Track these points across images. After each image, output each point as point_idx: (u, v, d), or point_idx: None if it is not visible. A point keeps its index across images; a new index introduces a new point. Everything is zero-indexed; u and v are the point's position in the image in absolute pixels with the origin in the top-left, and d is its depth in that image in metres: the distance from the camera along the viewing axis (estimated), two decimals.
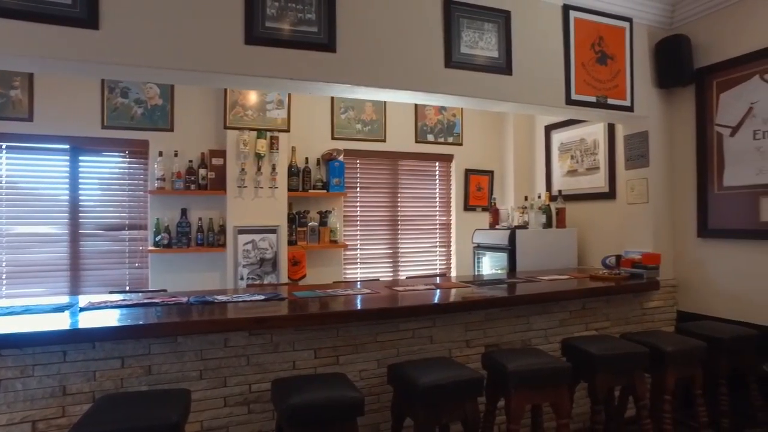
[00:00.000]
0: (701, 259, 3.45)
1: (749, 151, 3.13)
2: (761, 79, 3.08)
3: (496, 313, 2.87)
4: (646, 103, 3.53)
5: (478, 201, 5.06)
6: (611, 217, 4.02)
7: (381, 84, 2.70)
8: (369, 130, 4.69)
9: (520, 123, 5.04)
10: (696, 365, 2.73)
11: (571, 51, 3.25)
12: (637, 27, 3.52)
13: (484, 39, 2.97)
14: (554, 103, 3.19)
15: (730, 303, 3.27)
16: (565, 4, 3.24)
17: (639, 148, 3.62)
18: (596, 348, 2.49)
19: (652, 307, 3.49)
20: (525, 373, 2.18)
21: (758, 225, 3.08)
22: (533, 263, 3.97)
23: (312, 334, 2.44)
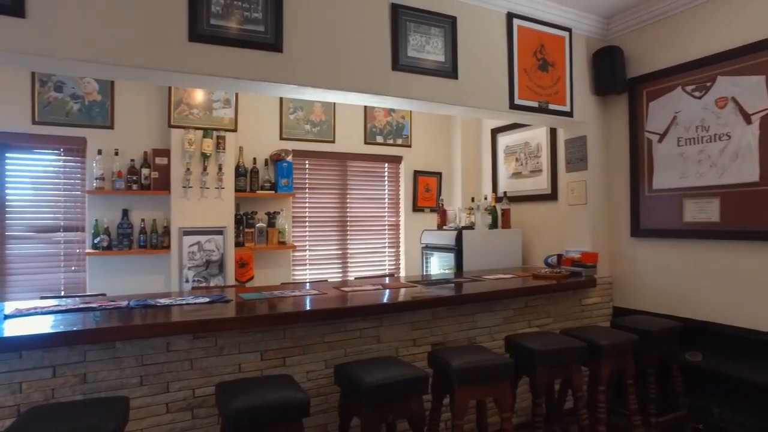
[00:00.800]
0: (634, 258, 3.65)
1: (674, 156, 3.36)
2: (683, 91, 3.31)
3: (442, 312, 2.94)
4: (584, 109, 3.71)
5: (426, 202, 5.15)
6: (553, 218, 4.20)
7: (328, 85, 2.71)
8: (318, 131, 4.68)
9: (468, 126, 5.17)
10: (628, 357, 2.89)
11: (514, 57, 3.37)
12: (576, 37, 3.69)
13: (431, 43, 3.03)
14: (498, 107, 3.30)
15: (659, 298, 3.49)
16: (509, 12, 3.36)
17: (578, 151, 3.79)
18: (537, 344, 2.59)
19: (590, 304, 3.67)
20: (468, 370, 2.25)
21: (682, 225, 3.31)
22: (480, 263, 4.08)
23: (258, 336, 2.41)
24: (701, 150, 3.21)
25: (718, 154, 3.13)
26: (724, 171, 3.09)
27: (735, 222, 3.05)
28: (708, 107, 3.17)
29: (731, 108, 3.06)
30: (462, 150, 5.15)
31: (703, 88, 3.20)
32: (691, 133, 3.27)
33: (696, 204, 3.24)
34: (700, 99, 3.22)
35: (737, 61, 3.03)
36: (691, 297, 3.30)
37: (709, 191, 3.17)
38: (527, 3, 3.39)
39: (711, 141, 3.16)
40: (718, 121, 3.12)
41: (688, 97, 3.28)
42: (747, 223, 2.99)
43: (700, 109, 3.22)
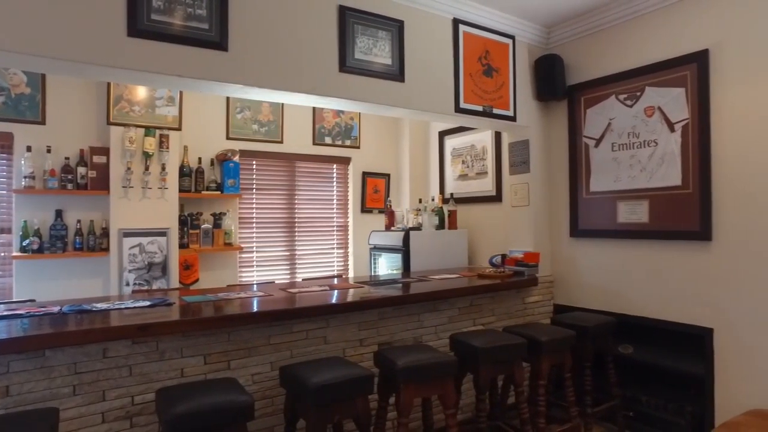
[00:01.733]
0: (573, 257, 3.83)
1: (608, 160, 3.54)
2: (617, 99, 3.50)
3: (389, 312, 2.97)
4: (527, 113, 3.85)
5: (374, 203, 5.19)
6: (498, 219, 4.33)
7: (274, 86, 2.69)
8: (266, 131, 4.62)
9: (416, 128, 5.25)
10: (566, 352, 3.03)
11: (460, 62, 3.45)
12: (519, 44, 3.83)
13: (378, 46, 3.06)
14: (444, 111, 3.37)
15: (596, 295, 3.67)
16: (455, 18, 3.44)
17: (521, 155, 3.93)
18: (480, 341, 2.67)
19: (533, 302, 3.81)
20: (413, 368, 2.29)
21: (616, 226, 3.50)
22: (427, 263, 4.15)
23: (202, 339, 2.36)
24: (632, 155, 3.41)
25: (647, 159, 3.33)
26: (652, 175, 3.30)
27: (661, 223, 3.25)
28: (638, 115, 3.37)
29: (658, 117, 3.27)
30: (410, 152, 5.22)
31: (634, 98, 3.40)
32: (623, 139, 3.46)
33: (628, 206, 3.43)
34: (631, 107, 3.41)
35: (662, 73, 3.24)
36: (623, 293, 3.50)
37: (639, 194, 3.37)
38: (473, 10, 3.49)
39: (641, 147, 3.36)
40: (647, 128, 3.32)
41: (620, 105, 3.48)
42: (672, 224, 3.20)
43: (631, 117, 3.41)
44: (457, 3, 3.39)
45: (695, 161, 3.09)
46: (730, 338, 2.97)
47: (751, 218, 2.88)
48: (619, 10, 3.45)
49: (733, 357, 2.95)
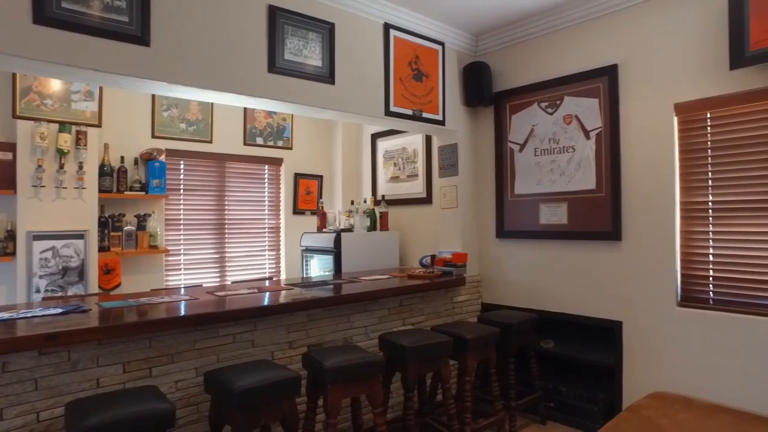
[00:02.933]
0: (499, 257, 3.99)
1: (531, 165, 3.73)
2: (539, 107, 3.69)
3: (318, 314, 2.97)
4: (456, 118, 3.97)
5: (307, 205, 5.16)
6: (428, 221, 4.43)
7: (200, 84, 2.61)
8: (194, 130, 4.47)
9: (349, 130, 5.27)
10: (491, 348, 3.15)
11: (390, 66, 3.51)
12: (449, 51, 3.94)
13: (309, 48, 3.06)
14: (374, 114, 3.42)
15: (520, 293, 3.85)
16: (386, 22, 3.49)
17: (450, 158, 4.05)
18: (407, 341, 2.73)
19: (461, 301, 3.93)
20: (340, 369, 2.30)
21: (539, 227, 3.69)
22: (358, 264, 4.18)
23: (121, 346, 2.25)
24: (553, 160, 3.60)
25: (566, 164, 3.53)
26: (570, 179, 3.50)
27: (579, 224, 3.46)
28: (558, 123, 3.57)
29: (575, 125, 3.48)
30: (343, 153, 5.24)
31: (554, 106, 3.60)
32: (545, 145, 3.65)
33: (549, 208, 3.62)
34: (551, 115, 3.61)
35: (579, 84, 3.46)
36: (545, 291, 3.69)
37: (559, 197, 3.57)
38: (404, 15, 3.56)
39: (561, 152, 3.56)
40: (566, 135, 3.53)
41: (542, 112, 3.67)
42: (588, 225, 3.42)
43: (551, 124, 3.61)
44: (388, 8, 3.44)
45: (607, 167, 3.31)
46: (637, 329, 3.21)
47: (651, 219, 3.13)
48: (541, 23, 3.64)
49: (639, 346, 3.19)
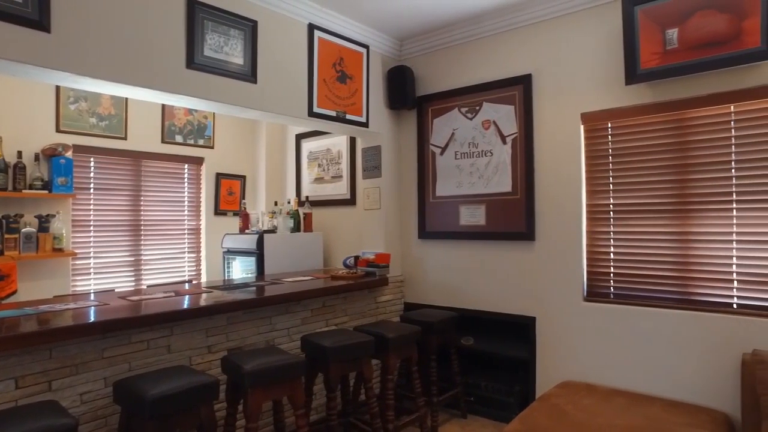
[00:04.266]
0: (421, 257, 4.09)
1: (452, 167, 3.86)
2: (459, 112, 3.83)
3: (239, 316, 2.90)
4: (379, 120, 4.03)
5: (229, 205, 5.01)
6: (352, 222, 4.46)
7: (110, 77, 2.48)
8: (106, 125, 4.21)
9: (273, 130, 5.19)
10: (413, 347, 3.23)
11: (314, 67, 3.50)
12: (373, 54, 3.99)
13: (230, 45, 2.98)
14: (298, 114, 3.39)
15: (442, 292, 3.96)
16: (311, 23, 3.48)
17: (374, 160, 4.10)
18: (329, 341, 2.73)
19: (384, 301, 3.99)
20: (260, 371, 2.27)
21: (459, 228, 3.82)
22: (282, 266, 4.13)
23: (13, 360, 2.07)
24: (472, 163, 3.75)
25: (484, 168, 3.69)
26: (488, 182, 3.66)
27: (496, 225, 3.63)
28: (477, 127, 3.73)
29: (493, 130, 3.65)
30: (267, 153, 5.15)
31: (474, 111, 3.75)
32: (465, 149, 3.80)
33: (468, 209, 3.77)
34: (471, 120, 3.76)
35: (496, 91, 3.63)
36: (465, 290, 3.83)
37: (478, 199, 3.72)
38: (329, 17, 3.56)
39: (479, 156, 3.72)
40: (484, 139, 3.69)
41: (462, 117, 3.81)
42: (504, 226, 3.59)
43: (471, 129, 3.76)
44: (313, 9, 3.44)
45: (522, 171, 3.50)
46: (548, 324, 3.41)
47: (560, 220, 3.35)
48: (462, 31, 3.79)
49: (550, 340, 3.40)
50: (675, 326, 2.91)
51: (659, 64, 2.88)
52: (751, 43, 2.59)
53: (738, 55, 2.63)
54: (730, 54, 2.65)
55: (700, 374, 2.83)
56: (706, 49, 2.73)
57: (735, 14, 2.64)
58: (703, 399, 2.82)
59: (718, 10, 2.68)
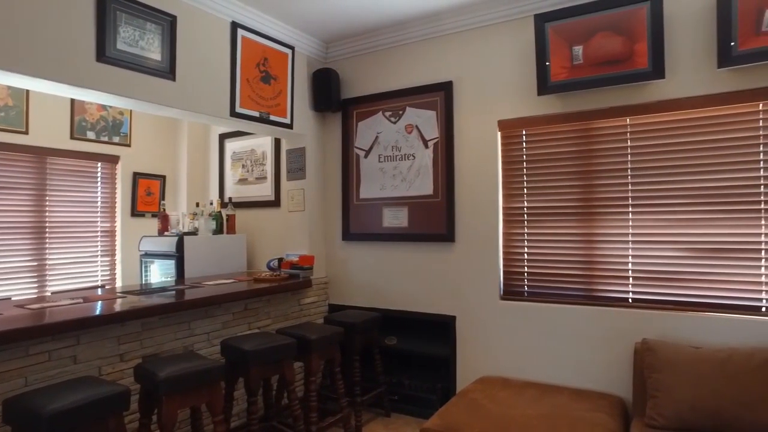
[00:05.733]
0: (345, 259, 4.12)
1: (376, 170, 3.93)
2: (383, 115, 3.90)
3: (154, 322, 2.79)
4: (304, 122, 4.02)
5: (147, 207, 4.79)
6: (276, 224, 4.41)
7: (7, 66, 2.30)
8: (3, 117, 3.88)
9: (195, 129, 5.02)
10: (336, 348, 3.25)
11: (237, 66, 3.43)
12: (299, 55, 3.97)
13: (146, 39, 2.86)
14: (219, 114, 3.31)
15: (365, 293, 4.01)
16: (234, 21, 3.41)
17: (298, 161, 4.08)
18: (250, 345, 2.69)
19: (308, 303, 3.97)
20: (175, 378, 2.20)
21: (382, 230, 3.89)
22: (203, 269, 4.00)
23: None
24: (395, 166, 3.84)
25: (407, 171, 3.78)
26: (411, 185, 3.76)
27: (418, 227, 3.73)
28: (400, 131, 3.82)
29: (415, 134, 3.75)
30: (188, 153, 4.97)
31: (397, 115, 3.83)
32: (388, 152, 3.87)
33: (392, 212, 3.85)
34: (394, 124, 3.84)
35: (419, 97, 3.73)
36: (388, 291, 3.90)
37: (400, 201, 3.81)
38: (253, 16, 3.51)
39: (402, 159, 3.81)
40: (407, 143, 3.78)
41: (386, 121, 3.89)
42: (426, 228, 3.70)
43: (394, 132, 3.84)
44: (236, 6, 3.37)
45: (443, 174, 3.63)
46: (468, 322, 3.56)
47: (479, 222, 3.51)
48: (386, 36, 3.86)
49: (470, 338, 3.55)
50: (580, 321, 3.14)
51: (567, 78, 3.10)
52: (641, 64, 2.86)
53: (631, 74, 2.89)
54: (625, 72, 2.91)
55: (601, 364, 3.07)
56: (606, 66, 2.97)
57: (628, 37, 2.89)
58: (604, 386, 3.06)
59: (615, 33, 2.93)
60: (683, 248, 2.90)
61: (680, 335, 2.83)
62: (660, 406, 2.52)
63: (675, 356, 2.59)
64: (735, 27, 2.61)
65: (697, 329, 2.79)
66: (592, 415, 2.66)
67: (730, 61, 2.65)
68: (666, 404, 2.50)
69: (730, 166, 2.78)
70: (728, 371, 2.43)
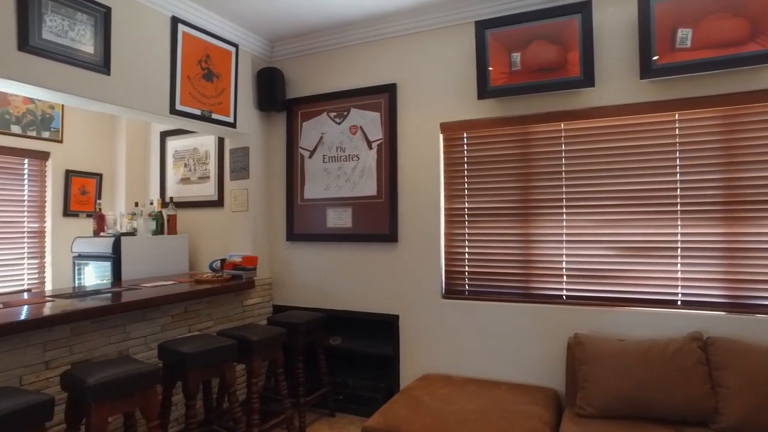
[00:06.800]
0: (289, 259, 4.09)
1: (320, 171, 3.93)
2: (328, 116, 3.91)
3: (86, 327, 2.67)
4: (248, 122, 3.96)
5: (81, 206, 4.57)
6: (219, 224, 4.32)
7: None
8: None
9: (135, 126, 4.84)
10: (278, 349, 3.22)
11: (177, 63, 3.34)
12: (243, 54, 3.91)
13: (77, 30, 2.75)
14: (158, 111, 3.22)
15: (310, 294, 4.00)
16: (174, 16, 3.32)
17: (242, 161, 4.02)
18: (188, 347, 2.63)
19: (252, 304, 3.92)
20: (106, 384, 2.11)
21: (326, 230, 3.90)
22: (142, 271, 3.87)
23: None
24: (340, 167, 3.85)
25: (351, 172, 3.80)
26: (355, 185, 3.78)
27: (362, 227, 3.76)
28: (344, 132, 3.83)
29: (360, 135, 3.78)
30: (127, 151, 4.78)
31: (342, 116, 3.85)
32: (333, 152, 3.88)
33: (336, 212, 3.86)
34: (339, 124, 3.86)
35: (364, 98, 3.76)
36: (333, 291, 3.91)
37: (345, 202, 3.82)
38: (194, 11, 3.43)
39: (347, 160, 3.82)
40: (352, 144, 3.81)
41: (331, 121, 3.89)
42: (370, 228, 3.73)
43: (339, 133, 3.86)
44: (177, 1, 3.28)
45: (386, 175, 3.67)
46: (410, 321, 3.62)
47: (422, 222, 3.58)
48: (331, 37, 3.87)
49: (413, 336, 3.61)
50: (518, 318, 3.26)
51: (505, 83, 3.21)
52: (573, 72, 3.01)
53: (564, 81, 3.04)
54: (559, 80, 3.05)
55: (538, 359, 3.20)
56: (542, 73, 3.10)
57: (562, 46, 3.04)
58: (540, 379, 3.20)
59: (551, 42, 3.07)
60: (611, 247, 3.08)
61: (608, 329, 3.00)
62: (588, 396, 2.66)
63: (602, 349, 2.74)
64: (654, 42, 2.80)
65: (623, 323, 2.96)
66: (527, 407, 2.77)
67: (650, 73, 2.83)
68: (594, 394, 2.64)
69: (652, 171, 2.97)
70: (648, 361, 2.60)
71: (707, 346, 2.63)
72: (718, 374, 2.53)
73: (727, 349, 2.55)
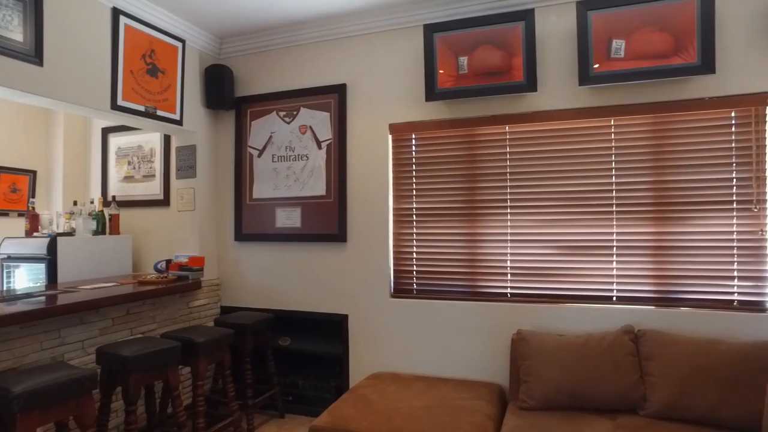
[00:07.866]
0: (238, 260, 4.03)
1: (269, 170, 3.89)
2: (277, 115, 3.88)
3: (14, 332, 2.54)
4: (195, 119, 3.87)
5: (12, 204, 4.33)
6: (165, 224, 4.20)
7: None
8: None
9: (74, 121, 4.63)
10: (225, 350, 3.17)
11: (119, 56, 3.23)
12: (190, 49, 3.82)
13: (3, 16, 2.60)
14: (98, 106, 3.10)
15: (259, 294, 3.95)
16: (115, 7, 3.20)
17: (188, 159, 3.92)
18: (129, 350, 2.55)
19: (198, 305, 3.83)
20: (32, 392, 2.01)
21: (275, 230, 3.86)
22: (81, 273, 3.71)
23: None
24: (289, 167, 3.82)
25: (300, 171, 3.79)
26: (304, 185, 3.77)
27: (311, 227, 3.75)
28: (294, 132, 3.81)
29: (309, 135, 3.77)
30: (65, 147, 4.56)
31: (291, 116, 3.83)
32: (282, 152, 3.85)
33: (285, 212, 3.83)
34: (288, 124, 3.83)
35: (314, 98, 3.76)
36: (282, 291, 3.87)
37: (294, 201, 3.80)
38: (137, 3, 3.32)
39: (296, 160, 3.80)
40: (301, 144, 3.79)
41: (280, 121, 3.86)
42: (319, 228, 3.73)
43: (288, 133, 3.83)
44: None
45: (336, 175, 3.68)
46: (359, 321, 3.64)
47: (370, 222, 3.60)
48: (282, 36, 3.84)
49: (362, 335, 3.63)
50: (464, 316, 3.34)
51: (453, 86, 3.28)
52: (517, 77, 3.12)
53: (508, 86, 3.14)
54: (504, 84, 3.15)
55: (483, 355, 3.29)
56: (488, 77, 3.20)
57: (507, 52, 3.14)
58: (486, 375, 3.29)
59: (496, 47, 3.17)
60: (552, 246, 3.20)
61: (549, 325, 3.12)
62: (530, 389, 2.76)
63: (543, 344, 2.85)
64: (591, 51, 2.94)
65: (563, 319, 3.09)
66: (473, 402, 2.85)
67: (588, 80, 2.97)
68: (535, 387, 2.75)
69: (589, 173, 3.12)
70: (584, 354, 2.73)
71: (638, 339, 2.78)
72: (646, 364, 2.68)
73: (654, 340, 2.71)
